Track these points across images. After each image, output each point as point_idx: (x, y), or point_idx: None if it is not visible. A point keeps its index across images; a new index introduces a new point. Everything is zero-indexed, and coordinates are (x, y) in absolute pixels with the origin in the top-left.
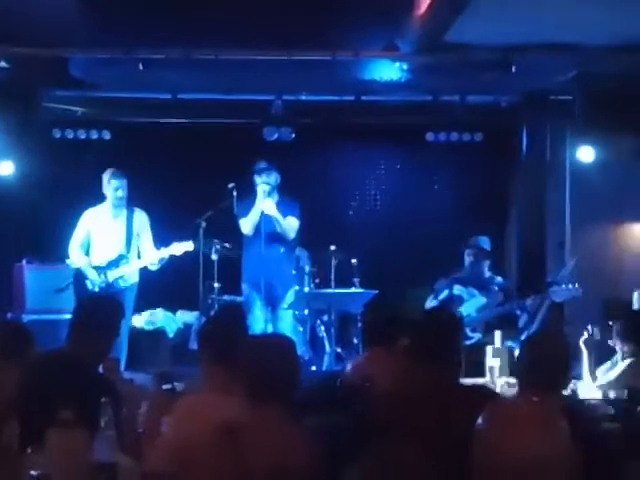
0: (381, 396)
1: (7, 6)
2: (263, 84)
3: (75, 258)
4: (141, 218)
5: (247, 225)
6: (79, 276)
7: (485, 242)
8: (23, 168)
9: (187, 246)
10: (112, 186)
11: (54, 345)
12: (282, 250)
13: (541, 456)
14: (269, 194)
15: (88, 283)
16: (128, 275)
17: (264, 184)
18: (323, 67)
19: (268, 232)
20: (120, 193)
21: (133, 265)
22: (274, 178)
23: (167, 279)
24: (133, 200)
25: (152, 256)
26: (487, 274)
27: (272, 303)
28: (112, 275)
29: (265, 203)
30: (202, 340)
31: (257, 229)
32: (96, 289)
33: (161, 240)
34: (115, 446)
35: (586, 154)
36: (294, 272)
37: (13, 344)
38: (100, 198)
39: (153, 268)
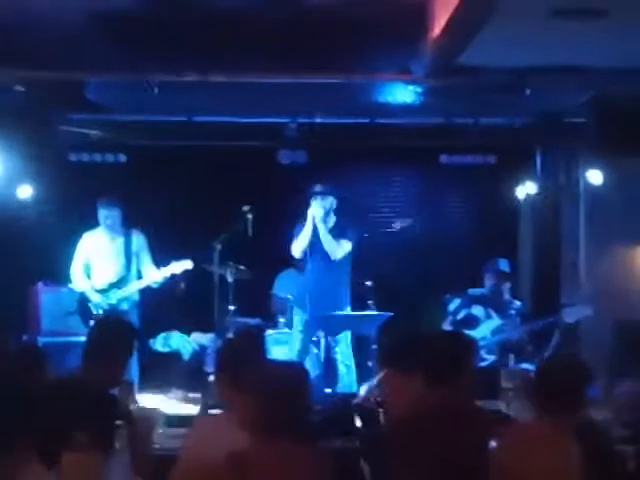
0: (395, 419)
1: (23, 29)
2: (278, 107)
3: (78, 282)
4: (138, 238)
5: (297, 248)
6: (83, 300)
7: (504, 264)
8: (39, 191)
9: (186, 264)
10: (102, 215)
11: (69, 367)
12: (335, 275)
13: (554, 477)
14: (323, 220)
15: (92, 307)
16: (130, 295)
17: (317, 208)
18: (337, 90)
19: (322, 258)
20: (109, 222)
21: (135, 285)
22: (330, 202)
23: (183, 301)
24: (149, 222)
25: (154, 275)
26: (507, 297)
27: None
28: (115, 296)
29: (314, 210)
30: (218, 363)
31: (310, 255)
32: (100, 312)
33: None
34: (129, 469)
35: (600, 176)
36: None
37: (28, 366)
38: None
39: (155, 286)
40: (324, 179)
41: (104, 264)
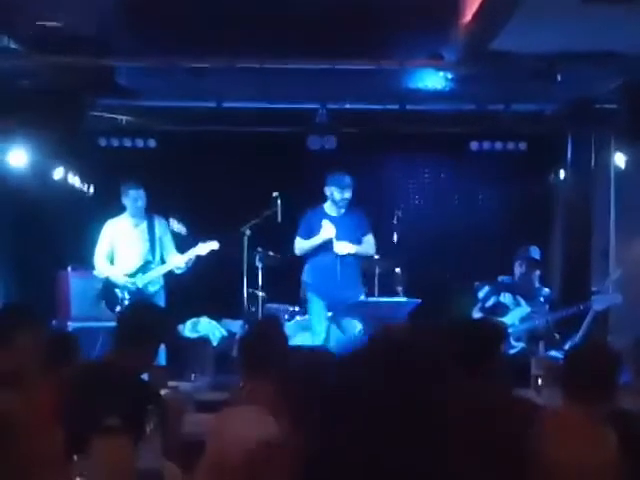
0: None
1: (53, 16)
2: (307, 93)
3: (102, 268)
4: (161, 225)
5: (302, 250)
6: (108, 286)
7: (535, 252)
8: (69, 176)
9: (212, 245)
10: (131, 197)
11: (99, 352)
12: (349, 260)
13: (589, 466)
14: (344, 206)
15: (118, 291)
16: (155, 280)
17: (330, 228)
18: (368, 76)
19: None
20: (139, 203)
21: (159, 270)
22: (351, 192)
23: (212, 287)
24: (177, 207)
25: (177, 259)
26: (536, 284)
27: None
28: (141, 281)
29: (340, 245)
30: (239, 354)
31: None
32: (126, 295)
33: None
34: (160, 453)
35: (631, 163)
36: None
37: (59, 352)
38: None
39: (179, 272)
40: (352, 165)
41: (128, 250)
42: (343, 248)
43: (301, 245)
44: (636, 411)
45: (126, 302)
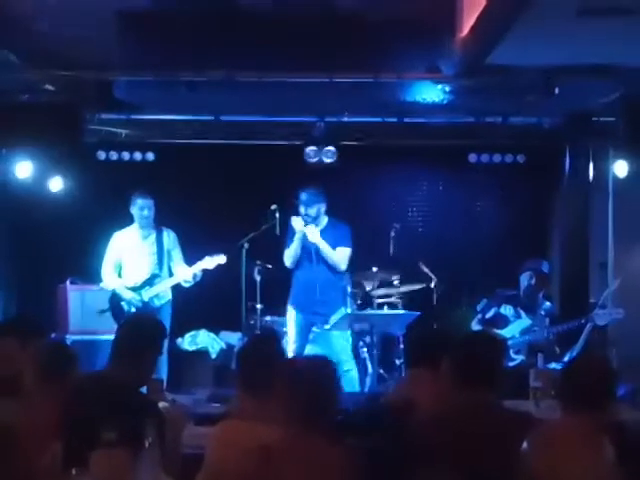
0: (424, 418)
1: (52, 30)
2: (305, 106)
3: (109, 281)
4: (170, 237)
5: (288, 258)
6: (115, 298)
7: (546, 266)
8: (68, 190)
9: (220, 259)
10: (137, 206)
11: (97, 366)
12: (329, 275)
13: (587, 478)
14: (311, 222)
15: (124, 304)
16: (162, 293)
17: (298, 222)
18: (365, 89)
19: (317, 257)
20: (146, 212)
21: (167, 283)
22: (316, 209)
23: (210, 300)
24: (176, 220)
25: (185, 273)
26: (539, 298)
27: (316, 326)
28: (147, 294)
29: (309, 229)
30: (237, 367)
31: (304, 254)
32: (132, 309)
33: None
34: (158, 467)
35: (629, 175)
36: (345, 294)
37: (57, 365)
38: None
39: (187, 285)
40: (350, 177)
41: (136, 262)
42: (314, 233)
43: (286, 254)
44: (633, 423)
45: None
